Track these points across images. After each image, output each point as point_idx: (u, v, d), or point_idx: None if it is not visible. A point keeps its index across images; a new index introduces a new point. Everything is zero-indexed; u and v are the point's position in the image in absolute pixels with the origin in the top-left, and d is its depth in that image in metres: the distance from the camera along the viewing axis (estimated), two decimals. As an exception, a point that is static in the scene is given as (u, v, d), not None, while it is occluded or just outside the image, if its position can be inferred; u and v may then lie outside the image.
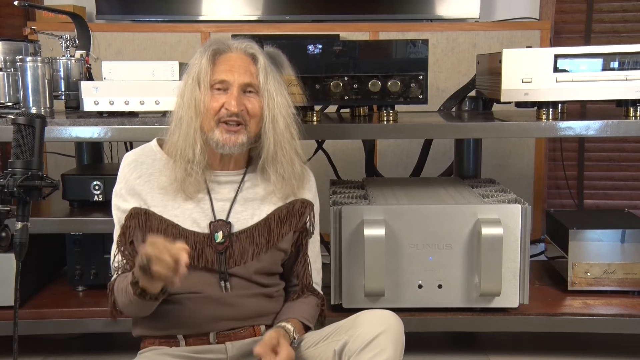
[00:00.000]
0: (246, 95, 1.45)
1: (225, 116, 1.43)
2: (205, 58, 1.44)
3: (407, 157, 3.19)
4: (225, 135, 1.44)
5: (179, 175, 1.45)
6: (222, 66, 1.44)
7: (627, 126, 1.93)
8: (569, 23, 3.41)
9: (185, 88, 1.45)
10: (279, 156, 1.48)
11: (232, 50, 1.46)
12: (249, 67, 1.45)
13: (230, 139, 1.44)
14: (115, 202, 1.52)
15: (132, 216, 1.48)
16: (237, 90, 1.43)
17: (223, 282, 1.47)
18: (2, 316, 1.94)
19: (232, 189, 1.52)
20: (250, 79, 1.44)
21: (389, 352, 1.34)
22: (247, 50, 1.47)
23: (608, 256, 2.11)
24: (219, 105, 1.43)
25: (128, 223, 1.48)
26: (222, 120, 1.43)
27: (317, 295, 1.60)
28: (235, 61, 1.45)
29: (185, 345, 1.48)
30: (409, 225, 1.93)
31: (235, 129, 1.44)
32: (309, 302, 1.57)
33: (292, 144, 1.50)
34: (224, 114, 1.43)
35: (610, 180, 3.45)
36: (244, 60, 1.45)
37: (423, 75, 1.96)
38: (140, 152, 1.55)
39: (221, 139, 1.44)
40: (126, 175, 1.52)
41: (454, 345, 2.26)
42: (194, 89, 1.43)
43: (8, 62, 2.09)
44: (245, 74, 1.44)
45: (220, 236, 1.46)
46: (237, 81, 1.43)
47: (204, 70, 1.43)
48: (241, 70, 1.44)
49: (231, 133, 1.44)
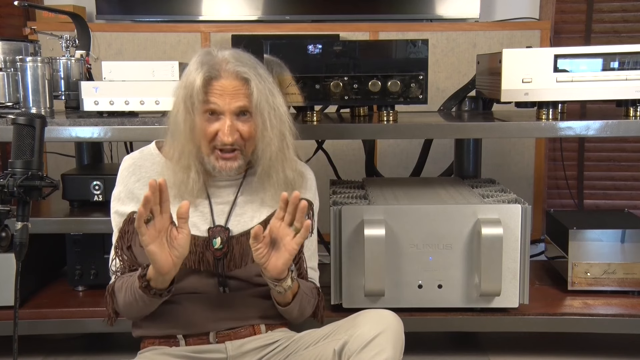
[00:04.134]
0: (239, 119, 1.44)
1: (220, 145, 1.43)
2: (197, 83, 1.41)
3: (407, 157, 3.19)
4: (222, 162, 1.45)
5: (178, 179, 1.46)
6: (214, 92, 1.42)
7: (627, 126, 1.93)
8: (569, 23, 3.41)
9: (179, 108, 1.44)
10: (272, 172, 1.49)
11: (223, 76, 1.42)
12: (240, 91, 1.43)
13: (226, 165, 1.45)
14: (114, 205, 1.53)
15: (130, 220, 1.48)
16: (229, 118, 1.42)
17: (222, 287, 1.47)
18: (2, 316, 1.94)
19: (231, 192, 1.52)
20: (243, 102, 1.42)
21: (389, 352, 1.34)
22: (240, 75, 1.43)
23: (608, 256, 2.11)
24: (213, 131, 1.43)
25: (126, 227, 1.48)
26: (217, 148, 1.44)
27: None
28: (227, 88, 1.42)
29: (185, 345, 1.48)
30: (409, 225, 1.93)
31: (230, 156, 1.45)
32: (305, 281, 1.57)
33: (288, 155, 1.50)
34: (218, 142, 1.43)
35: (610, 180, 3.45)
36: (235, 85, 1.42)
37: (423, 75, 1.96)
38: (138, 156, 1.55)
39: (217, 165, 1.45)
40: (125, 178, 1.52)
41: (454, 345, 2.26)
42: (188, 114, 1.42)
43: (8, 62, 2.09)
44: (237, 97, 1.42)
45: (219, 242, 1.46)
46: (229, 109, 1.42)
47: (197, 98, 1.41)
48: (233, 95, 1.42)
49: (226, 160, 1.45)
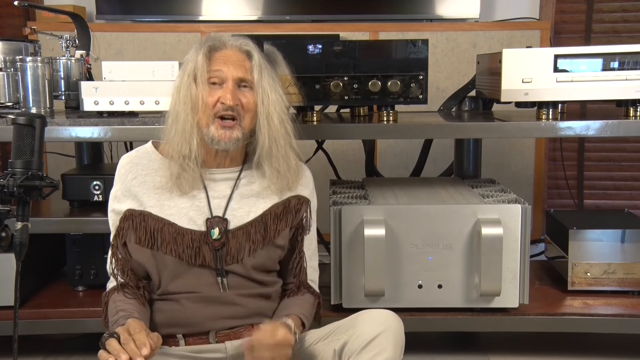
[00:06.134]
0: (241, 90, 1.46)
1: (222, 110, 1.44)
2: (200, 54, 1.45)
3: (407, 157, 3.19)
4: (221, 131, 1.45)
5: (175, 170, 1.46)
6: (218, 61, 1.46)
7: (627, 126, 1.93)
8: (569, 23, 3.41)
9: (182, 84, 1.46)
10: (274, 151, 1.49)
11: (227, 47, 1.48)
12: (243, 63, 1.47)
13: (225, 135, 1.45)
14: (111, 204, 1.53)
15: (126, 218, 1.48)
16: (232, 83, 1.44)
17: (220, 278, 1.47)
18: (2, 316, 1.95)
19: (228, 185, 1.52)
20: (245, 74, 1.46)
21: (389, 352, 1.34)
22: (242, 47, 1.48)
23: (608, 256, 2.11)
24: (215, 99, 1.44)
25: (122, 225, 1.48)
26: (218, 115, 1.44)
27: (313, 293, 1.60)
28: (230, 57, 1.46)
29: (185, 344, 1.49)
30: (409, 225, 1.93)
31: (230, 124, 1.45)
32: (306, 300, 1.57)
33: (287, 139, 1.51)
34: (220, 108, 1.44)
35: (610, 180, 3.45)
36: (238, 56, 1.47)
37: (423, 75, 1.96)
38: (135, 154, 1.56)
39: (216, 135, 1.45)
40: (122, 177, 1.52)
41: (454, 345, 2.26)
42: (190, 85, 1.44)
43: (8, 62, 2.09)
44: (240, 68, 1.46)
45: (217, 232, 1.47)
46: (232, 74, 1.45)
47: (200, 66, 1.44)
48: (236, 65, 1.46)
49: (226, 129, 1.45)
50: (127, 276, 1.49)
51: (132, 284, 1.49)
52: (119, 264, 1.49)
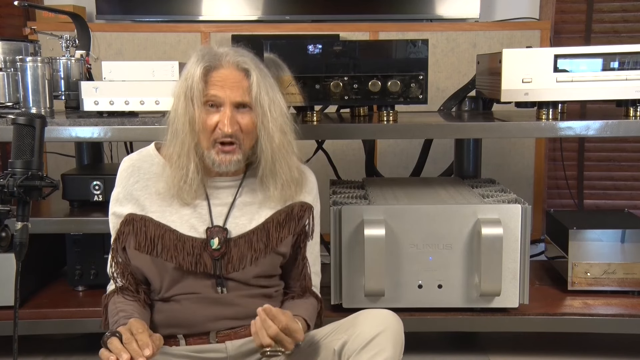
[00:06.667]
0: (239, 111, 1.43)
1: (220, 137, 1.42)
2: (197, 74, 1.41)
3: (407, 157, 3.19)
4: (221, 155, 1.44)
5: (176, 182, 1.45)
6: (215, 84, 1.42)
7: (627, 126, 1.93)
8: (569, 23, 3.41)
9: (179, 102, 1.44)
10: (277, 167, 1.48)
11: (224, 66, 1.43)
12: (241, 83, 1.43)
13: (225, 159, 1.44)
14: (112, 207, 1.52)
15: (126, 222, 1.47)
16: (229, 108, 1.41)
17: (220, 287, 1.47)
18: (2, 316, 1.95)
19: (230, 193, 1.52)
20: (242, 97, 1.42)
21: (389, 352, 1.34)
22: (240, 65, 1.43)
23: (608, 256, 2.11)
24: (213, 123, 1.42)
25: (122, 229, 1.48)
26: (217, 141, 1.43)
27: (316, 298, 1.60)
28: (227, 78, 1.42)
29: (186, 344, 1.48)
30: (409, 225, 1.93)
31: (230, 149, 1.44)
32: (310, 303, 1.57)
33: (290, 151, 1.49)
34: (218, 134, 1.42)
35: (610, 180, 3.45)
36: (236, 76, 1.43)
37: (423, 75, 1.96)
38: (137, 157, 1.54)
39: (217, 159, 1.44)
40: (124, 180, 1.52)
41: (454, 345, 2.26)
42: (188, 106, 1.42)
43: (8, 62, 2.09)
44: (238, 91, 1.42)
45: (216, 242, 1.46)
46: (229, 99, 1.41)
47: (197, 88, 1.41)
48: (233, 88, 1.42)
49: (226, 153, 1.44)
50: (126, 280, 1.49)
51: (132, 288, 1.49)
52: (119, 268, 1.49)
